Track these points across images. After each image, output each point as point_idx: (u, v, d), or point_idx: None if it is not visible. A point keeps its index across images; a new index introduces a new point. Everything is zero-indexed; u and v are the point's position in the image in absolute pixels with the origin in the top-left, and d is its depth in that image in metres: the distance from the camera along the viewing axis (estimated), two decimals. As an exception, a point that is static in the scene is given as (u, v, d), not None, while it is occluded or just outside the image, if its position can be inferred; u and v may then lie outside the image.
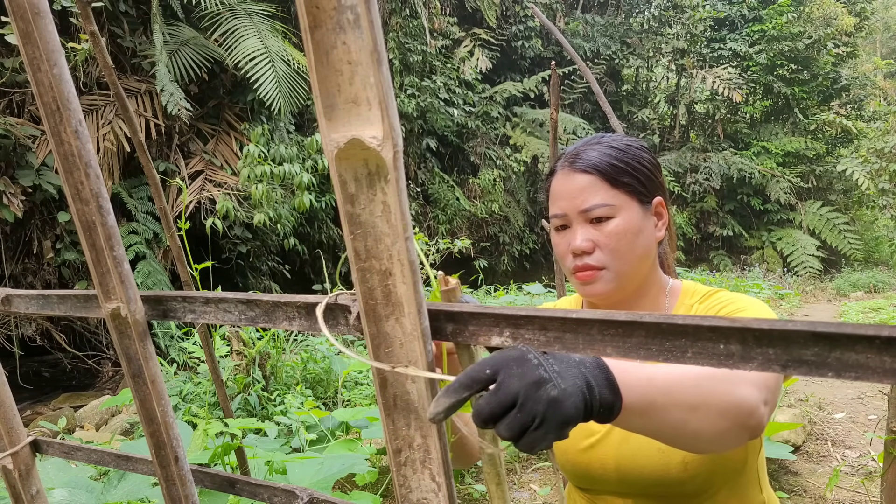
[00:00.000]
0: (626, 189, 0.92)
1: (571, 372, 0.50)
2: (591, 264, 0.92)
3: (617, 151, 0.94)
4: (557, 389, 0.48)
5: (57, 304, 0.71)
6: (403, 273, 0.46)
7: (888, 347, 0.32)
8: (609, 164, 0.92)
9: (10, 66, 5.86)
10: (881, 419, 3.57)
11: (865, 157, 11.33)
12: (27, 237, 6.07)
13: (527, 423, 0.47)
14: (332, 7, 0.38)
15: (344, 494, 2.35)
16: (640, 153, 0.96)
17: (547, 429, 0.47)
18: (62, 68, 0.54)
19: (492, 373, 0.47)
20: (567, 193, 0.94)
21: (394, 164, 0.42)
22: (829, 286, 12.29)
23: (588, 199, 0.92)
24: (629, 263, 0.93)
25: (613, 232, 0.91)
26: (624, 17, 13.94)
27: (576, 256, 0.93)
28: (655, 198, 0.96)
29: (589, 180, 0.92)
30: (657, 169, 0.98)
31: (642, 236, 0.93)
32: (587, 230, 0.92)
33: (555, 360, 0.50)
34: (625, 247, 0.91)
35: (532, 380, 0.47)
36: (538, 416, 0.47)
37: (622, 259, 0.92)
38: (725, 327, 0.37)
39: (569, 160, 0.96)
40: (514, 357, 0.47)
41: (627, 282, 0.94)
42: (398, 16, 9.66)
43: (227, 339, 3.84)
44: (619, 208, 0.92)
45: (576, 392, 0.49)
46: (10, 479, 0.80)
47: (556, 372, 0.49)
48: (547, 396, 0.47)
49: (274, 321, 0.55)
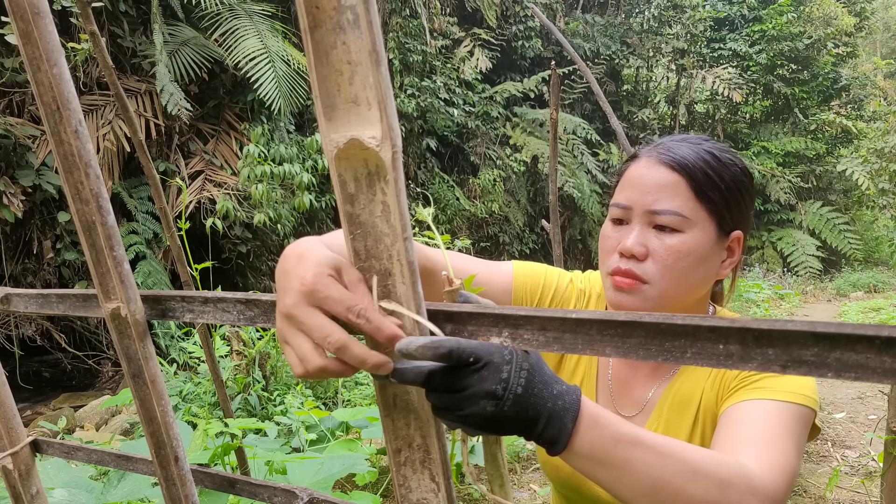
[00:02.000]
0: (710, 206, 0.79)
1: (531, 402, 0.50)
2: (636, 273, 0.79)
3: (716, 160, 0.81)
4: (496, 408, 0.48)
5: (56, 304, 0.71)
6: (403, 273, 0.46)
7: (888, 347, 0.32)
8: (702, 171, 0.79)
9: (10, 66, 5.86)
10: (881, 419, 3.57)
11: (865, 157, 11.32)
12: (27, 237, 6.07)
13: (451, 406, 0.48)
14: (332, 7, 0.38)
15: (344, 494, 2.35)
16: (739, 174, 0.82)
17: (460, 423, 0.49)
18: (62, 68, 0.54)
19: (474, 360, 0.47)
20: (641, 185, 0.81)
21: (392, 164, 0.42)
22: (829, 286, 12.29)
23: (662, 200, 0.79)
24: (677, 289, 0.80)
25: (675, 248, 0.78)
26: (624, 17, 13.94)
27: (622, 257, 0.81)
28: (736, 230, 0.83)
29: (672, 179, 0.79)
30: (751, 200, 0.85)
31: (704, 266, 0.80)
32: (647, 234, 0.80)
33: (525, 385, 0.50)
34: (681, 269, 0.79)
35: (486, 389, 0.48)
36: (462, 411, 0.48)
37: (672, 281, 0.79)
38: (725, 327, 0.37)
39: (658, 150, 0.83)
40: (495, 361, 0.48)
41: (667, 308, 0.81)
42: (398, 16, 9.66)
43: (227, 339, 3.84)
44: (693, 224, 0.78)
45: (512, 418, 0.50)
46: (10, 479, 0.80)
47: (515, 394, 0.49)
48: (481, 407, 0.48)
49: (272, 321, 0.55)
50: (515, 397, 0.49)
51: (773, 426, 0.71)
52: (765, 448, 0.67)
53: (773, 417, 0.72)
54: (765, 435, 0.70)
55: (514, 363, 0.49)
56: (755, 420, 0.72)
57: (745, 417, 0.73)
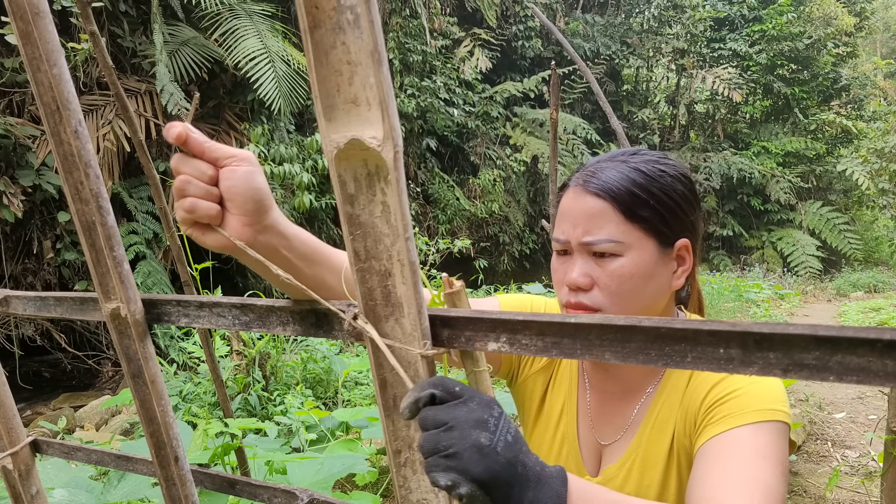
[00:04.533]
0: (643, 225, 0.78)
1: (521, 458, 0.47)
2: (585, 303, 0.80)
3: (643, 177, 0.79)
4: (490, 443, 0.45)
5: (54, 307, 0.71)
6: (403, 273, 0.45)
7: (890, 351, 0.32)
8: (628, 192, 0.78)
9: (10, 66, 5.86)
10: (881, 419, 3.57)
11: (865, 157, 11.33)
12: (27, 237, 6.07)
13: (439, 447, 0.45)
14: (332, 7, 0.38)
15: (344, 494, 2.35)
16: (672, 183, 0.81)
17: (452, 465, 0.44)
18: (62, 68, 0.54)
19: (459, 391, 0.47)
20: (573, 217, 0.81)
21: (394, 164, 0.42)
22: (829, 286, 12.29)
23: (593, 231, 0.79)
24: (628, 311, 0.80)
25: (617, 273, 0.78)
26: (624, 17, 13.94)
27: (570, 291, 0.81)
28: (680, 239, 0.82)
29: (600, 207, 0.79)
30: (691, 205, 0.83)
31: (653, 283, 0.80)
32: (588, 263, 0.80)
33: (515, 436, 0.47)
34: (627, 291, 0.79)
35: (475, 417, 0.45)
36: (452, 449, 0.44)
37: (622, 304, 0.79)
38: (726, 331, 0.36)
39: (584, 176, 0.82)
40: (483, 399, 0.47)
41: None
42: (398, 16, 9.66)
43: (227, 339, 3.84)
44: (629, 247, 0.78)
45: (504, 465, 0.45)
46: (10, 479, 0.80)
47: (505, 439, 0.46)
48: (474, 438, 0.45)
49: (268, 326, 0.55)
50: (506, 442, 0.46)
51: (750, 456, 0.69)
52: (746, 487, 0.66)
53: (748, 446, 0.71)
54: (744, 472, 0.68)
55: (503, 413, 0.48)
56: (731, 456, 0.70)
57: (721, 454, 0.71)
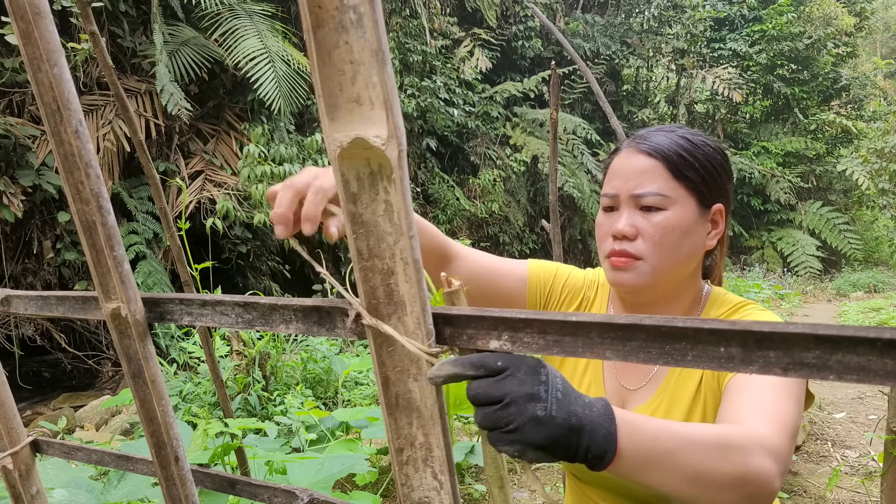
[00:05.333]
0: (688, 184, 0.87)
1: (572, 409, 0.50)
2: (629, 251, 0.87)
3: (689, 143, 0.89)
4: (545, 412, 0.48)
5: (55, 306, 0.71)
6: (406, 272, 0.45)
7: (890, 350, 0.32)
8: (676, 154, 0.87)
9: (10, 66, 5.86)
10: (881, 419, 3.57)
11: (865, 157, 11.33)
12: (27, 237, 6.07)
13: (499, 423, 0.48)
14: (335, 7, 0.38)
15: (344, 494, 2.35)
16: (713, 153, 0.90)
17: (515, 438, 0.48)
18: (62, 68, 0.54)
19: (502, 366, 0.48)
20: (624, 173, 0.89)
21: (398, 162, 0.42)
22: (829, 286, 12.29)
23: (644, 184, 0.87)
24: (668, 262, 0.87)
25: (661, 224, 0.86)
26: (624, 17, 13.94)
27: (616, 240, 0.88)
28: (716, 204, 0.90)
29: (651, 164, 0.87)
30: (727, 175, 0.92)
31: (690, 238, 0.88)
32: (634, 216, 0.87)
33: (563, 390, 0.50)
34: (669, 243, 0.86)
35: (527, 391, 0.48)
36: (512, 424, 0.48)
37: (663, 255, 0.86)
38: (726, 330, 0.36)
39: (636, 140, 0.91)
40: (529, 364, 0.49)
41: (662, 281, 0.88)
42: (398, 16, 9.66)
43: (227, 339, 3.84)
44: (675, 202, 0.86)
45: (561, 426, 0.49)
46: (10, 479, 0.80)
47: (557, 399, 0.49)
48: (531, 412, 0.48)
49: (271, 324, 0.55)
50: (558, 402, 0.49)
51: (774, 390, 0.77)
52: (770, 412, 0.74)
53: (772, 381, 0.78)
54: (767, 399, 0.76)
55: (548, 368, 0.50)
56: (756, 386, 0.78)
57: (748, 387, 0.79)
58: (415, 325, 0.47)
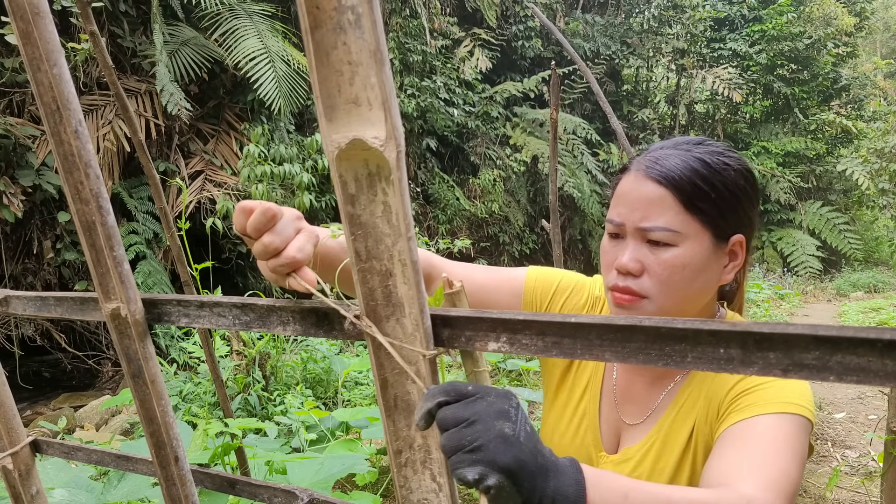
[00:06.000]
0: (701, 217, 0.77)
1: (539, 448, 0.47)
2: (633, 289, 0.79)
3: (707, 168, 0.78)
4: (513, 432, 0.45)
5: (54, 307, 0.71)
6: (405, 273, 0.45)
7: (890, 351, 0.32)
8: (690, 182, 0.77)
9: (10, 66, 5.86)
10: (881, 419, 3.57)
11: (865, 157, 11.32)
12: (27, 237, 6.07)
13: (463, 442, 0.44)
14: (333, 7, 0.38)
15: (344, 494, 2.35)
16: (735, 178, 0.79)
17: (478, 458, 0.44)
18: (62, 68, 0.54)
19: (472, 390, 0.47)
20: (631, 201, 0.80)
21: (396, 164, 0.42)
22: (829, 286, 12.29)
23: (651, 217, 0.78)
24: (677, 301, 0.79)
25: (670, 262, 0.77)
26: (624, 17, 13.93)
27: (619, 274, 0.81)
28: (736, 235, 0.80)
29: (660, 194, 0.77)
30: (751, 201, 0.82)
31: (703, 276, 0.79)
32: (640, 249, 0.79)
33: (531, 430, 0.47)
34: (677, 282, 0.78)
35: (497, 409, 0.46)
36: (477, 442, 0.44)
37: (670, 294, 0.78)
38: (726, 331, 0.36)
39: (646, 161, 0.81)
40: (499, 391, 0.47)
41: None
42: (398, 16, 9.66)
43: (227, 339, 3.84)
44: (685, 237, 0.77)
45: (529, 451, 0.46)
46: (10, 479, 0.80)
47: (525, 431, 0.46)
48: (498, 428, 0.45)
49: (268, 326, 0.55)
50: (527, 433, 0.46)
51: (769, 441, 0.69)
52: (765, 472, 0.66)
53: (769, 432, 0.70)
54: (761, 454, 0.68)
55: (520, 404, 0.48)
56: (751, 439, 0.71)
57: (741, 437, 0.72)
58: (413, 327, 0.47)
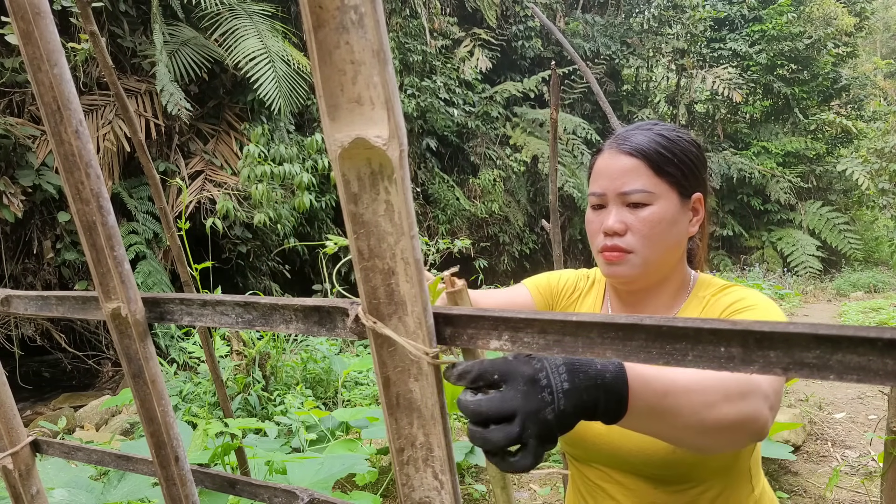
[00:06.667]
0: (669, 179, 0.93)
1: (581, 391, 0.53)
2: (620, 246, 0.93)
3: (666, 140, 0.95)
4: (555, 413, 0.51)
5: (55, 306, 0.71)
6: (408, 272, 0.45)
7: (890, 350, 0.32)
8: (656, 151, 0.93)
9: (10, 66, 5.86)
10: (881, 419, 3.57)
11: (865, 157, 11.33)
12: (27, 237, 6.07)
13: (511, 437, 0.50)
14: (336, 7, 0.38)
15: (344, 494, 2.35)
16: (688, 146, 0.96)
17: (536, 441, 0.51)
18: (62, 68, 0.54)
19: (499, 379, 0.50)
20: (609, 173, 0.95)
21: (399, 162, 0.42)
22: (829, 286, 12.29)
23: (629, 183, 0.93)
24: (657, 252, 0.94)
25: (648, 219, 0.92)
26: (624, 17, 13.93)
27: (606, 236, 0.94)
28: (695, 193, 0.97)
29: (633, 164, 0.93)
30: (703, 165, 0.99)
31: (675, 228, 0.94)
32: (622, 212, 0.93)
33: (568, 378, 0.53)
34: (656, 235, 0.92)
35: (534, 406, 0.50)
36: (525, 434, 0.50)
37: (651, 246, 0.93)
38: (726, 330, 0.36)
39: (617, 141, 0.97)
40: (526, 375, 0.51)
41: (653, 270, 0.95)
42: (398, 16, 9.66)
43: (227, 339, 3.84)
44: (658, 196, 0.92)
45: (572, 414, 0.53)
46: (10, 479, 0.80)
47: (563, 391, 0.52)
48: (542, 420, 0.51)
49: (271, 324, 0.55)
50: (566, 394, 0.52)
51: None
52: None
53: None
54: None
55: (546, 367, 0.52)
56: None
57: None
58: (416, 325, 0.47)
